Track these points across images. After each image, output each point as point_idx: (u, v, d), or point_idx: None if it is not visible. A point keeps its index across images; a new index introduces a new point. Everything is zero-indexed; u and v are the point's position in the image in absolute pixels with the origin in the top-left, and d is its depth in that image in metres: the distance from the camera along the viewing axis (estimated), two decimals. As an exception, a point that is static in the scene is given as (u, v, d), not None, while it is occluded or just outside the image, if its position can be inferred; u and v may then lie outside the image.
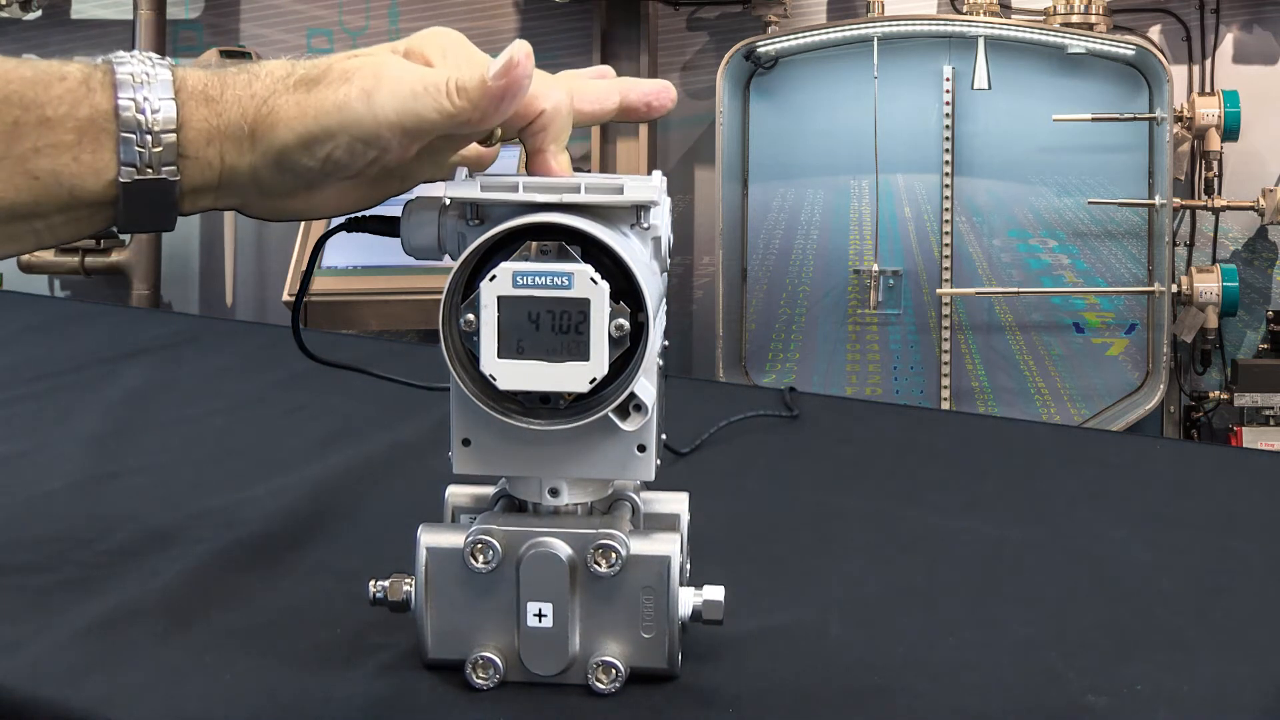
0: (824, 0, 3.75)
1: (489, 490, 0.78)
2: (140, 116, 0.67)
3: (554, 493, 0.73)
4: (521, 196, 0.69)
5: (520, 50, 0.68)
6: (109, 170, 0.68)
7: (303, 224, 3.07)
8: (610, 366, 0.68)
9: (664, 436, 0.75)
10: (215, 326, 1.92)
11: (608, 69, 0.77)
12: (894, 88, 3.47)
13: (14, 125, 0.66)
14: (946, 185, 3.50)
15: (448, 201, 0.72)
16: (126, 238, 3.67)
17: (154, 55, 0.70)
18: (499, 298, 0.67)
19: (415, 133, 0.69)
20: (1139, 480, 1.14)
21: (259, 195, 0.71)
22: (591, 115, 0.74)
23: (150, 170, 0.68)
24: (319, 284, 2.99)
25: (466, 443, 0.72)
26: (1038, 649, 0.80)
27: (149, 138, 0.68)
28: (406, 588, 0.74)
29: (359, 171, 0.71)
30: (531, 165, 0.72)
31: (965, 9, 3.51)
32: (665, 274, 0.75)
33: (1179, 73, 3.49)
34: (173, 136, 0.68)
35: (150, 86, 0.68)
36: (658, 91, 0.76)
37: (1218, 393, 3.49)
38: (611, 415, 0.69)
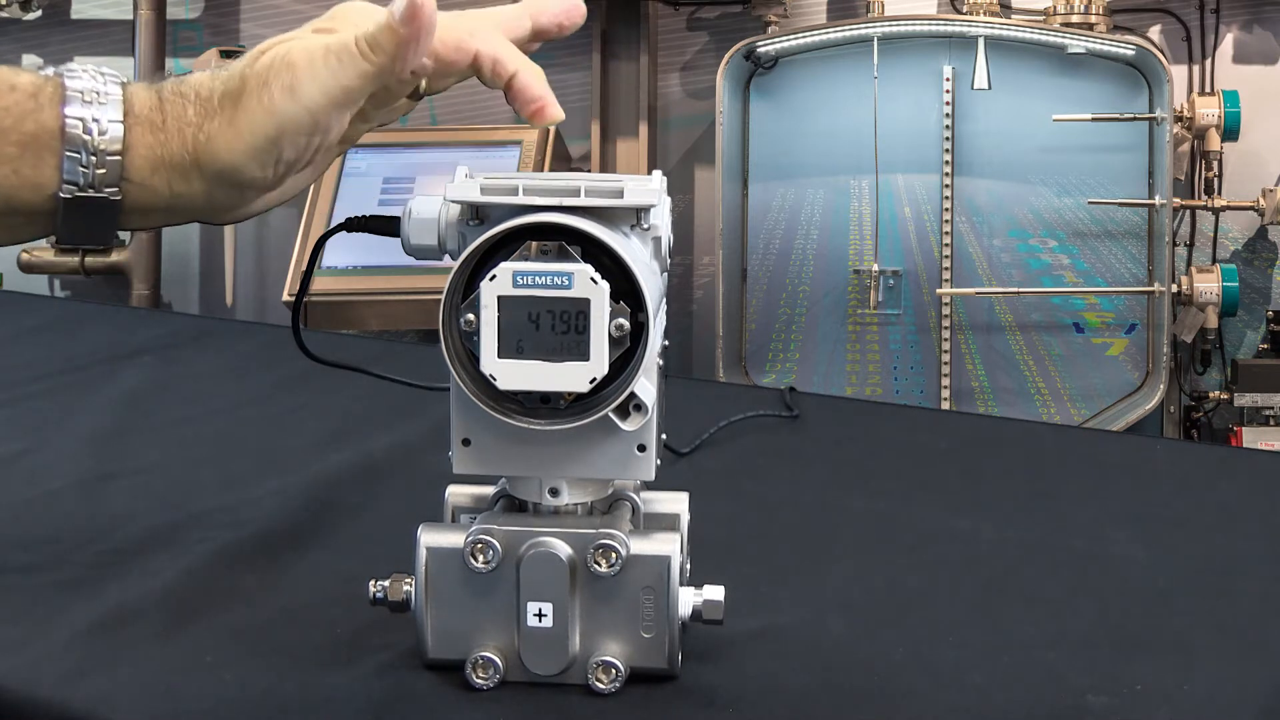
0: (824, 0, 3.75)
1: (489, 490, 0.78)
2: (86, 137, 0.67)
3: (554, 493, 0.73)
4: (521, 200, 0.69)
5: None
6: (49, 185, 0.67)
7: (302, 224, 3.07)
8: (610, 366, 0.68)
9: (664, 436, 0.75)
10: (215, 326, 1.92)
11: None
12: (894, 88, 3.46)
13: None
14: (946, 185, 3.50)
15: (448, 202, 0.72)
16: (127, 237, 3.66)
17: (105, 70, 0.69)
18: (499, 298, 0.67)
19: (347, 104, 0.69)
20: (1139, 480, 1.14)
21: (214, 212, 0.71)
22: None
23: (92, 190, 0.67)
24: (319, 284, 2.99)
25: (466, 443, 0.72)
26: (1038, 649, 0.80)
27: (93, 158, 0.67)
28: (406, 588, 0.74)
29: (310, 159, 0.71)
30: (511, 96, 0.72)
31: (965, 9, 3.50)
32: (665, 274, 0.75)
33: (1179, 73, 3.49)
34: (117, 160, 0.67)
35: (100, 105, 0.67)
36: (567, 10, 0.76)
37: (1218, 393, 3.49)
38: (611, 415, 0.69)
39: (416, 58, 0.68)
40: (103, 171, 0.67)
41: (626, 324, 0.68)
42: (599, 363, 0.68)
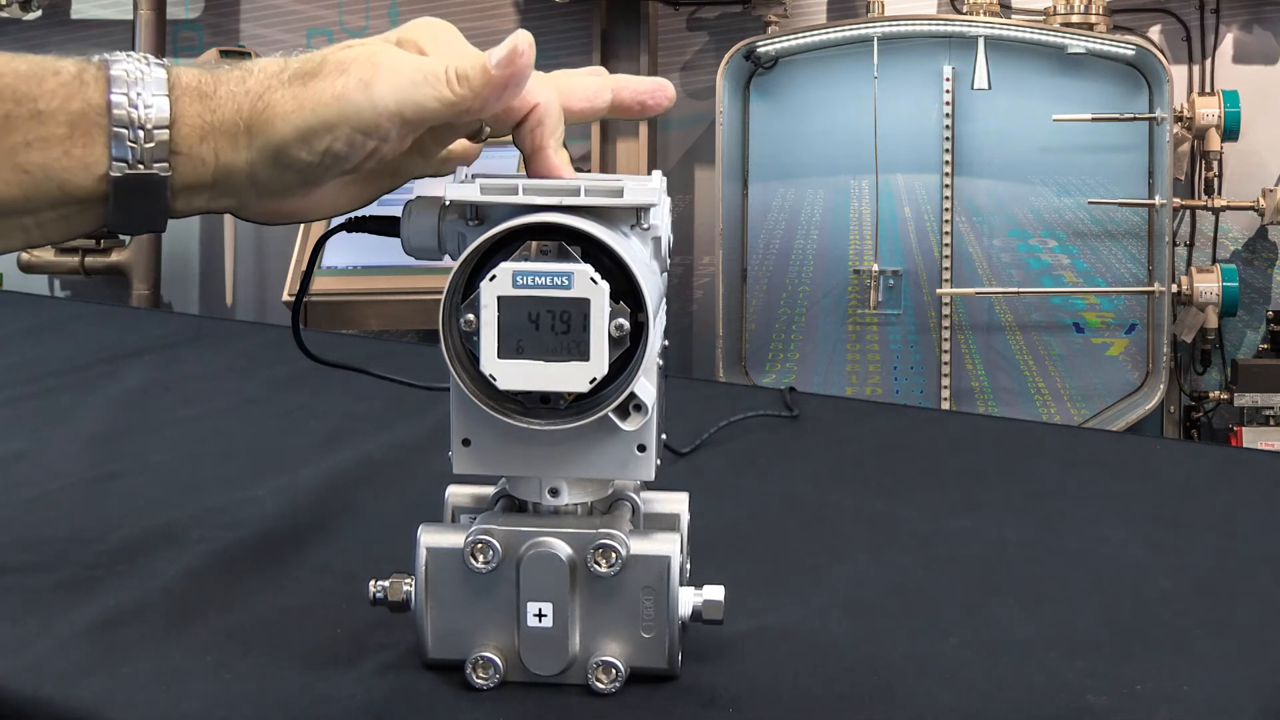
0: (824, 0, 3.75)
1: (489, 490, 0.78)
2: (133, 112, 0.67)
3: (554, 493, 0.73)
4: (521, 199, 0.69)
5: (524, 40, 0.68)
6: (100, 165, 0.68)
7: (302, 224, 3.07)
8: (610, 366, 0.68)
9: (664, 436, 0.75)
10: (215, 326, 1.92)
11: (600, 69, 0.77)
12: (894, 88, 3.46)
13: (5, 119, 0.66)
14: (946, 185, 3.50)
15: (448, 202, 0.72)
16: (126, 237, 3.66)
17: (149, 55, 0.70)
18: (499, 298, 0.67)
19: (415, 122, 0.69)
20: (1139, 480, 1.14)
21: (255, 195, 0.71)
22: (582, 113, 0.74)
23: (142, 166, 0.68)
24: (319, 284, 2.99)
25: (466, 443, 0.72)
26: (1038, 649, 0.80)
27: (141, 133, 0.67)
28: (406, 588, 0.74)
29: (356, 165, 0.70)
30: (531, 165, 0.71)
31: (965, 9, 3.51)
32: (665, 274, 0.75)
33: (1179, 73, 3.49)
34: (165, 133, 0.68)
35: (144, 84, 0.68)
36: (652, 90, 0.76)
37: (1218, 393, 3.49)
38: (611, 415, 0.69)
39: (499, 104, 0.68)
40: (151, 146, 0.68)
41: (626, 324, 0.68)
42: (599, 363, 0.68)
